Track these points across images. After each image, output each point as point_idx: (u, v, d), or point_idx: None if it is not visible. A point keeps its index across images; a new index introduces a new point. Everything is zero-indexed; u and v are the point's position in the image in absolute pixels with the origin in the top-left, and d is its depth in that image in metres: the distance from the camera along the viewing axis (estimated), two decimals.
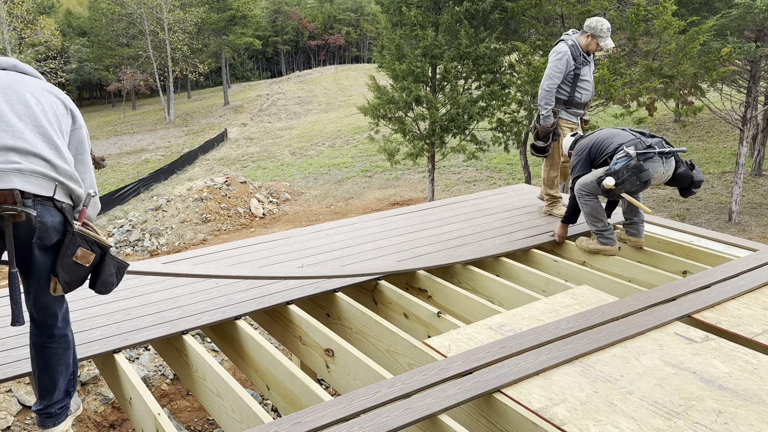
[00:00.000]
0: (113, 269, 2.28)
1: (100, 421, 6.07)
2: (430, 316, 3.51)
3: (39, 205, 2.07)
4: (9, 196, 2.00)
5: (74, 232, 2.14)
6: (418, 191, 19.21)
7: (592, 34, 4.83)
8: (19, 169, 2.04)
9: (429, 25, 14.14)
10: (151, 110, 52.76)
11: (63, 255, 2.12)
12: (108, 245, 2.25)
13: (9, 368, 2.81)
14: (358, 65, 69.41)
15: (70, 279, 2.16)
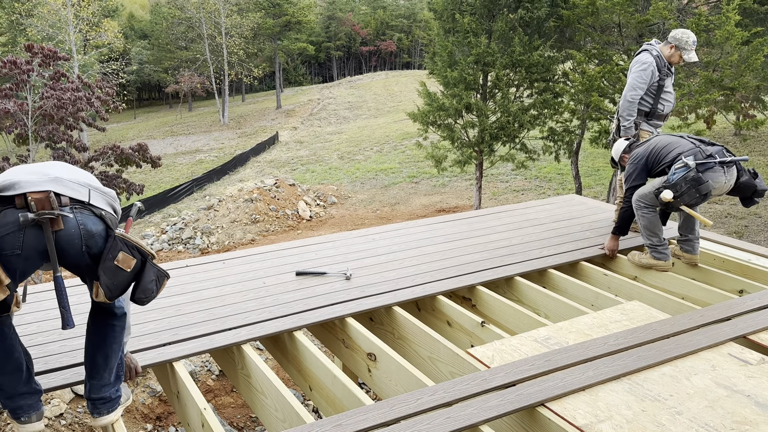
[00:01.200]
0: (153, 276, 2.30)
1: (147, 413, 6.25)
2: (474, 325, 3.48)
3: (78, 212, 2.12)
4: (45, 200, 2.04)
5: (115, 236, 2.19)
6: (465, 199, 19.09)
7: (676, 45, 4.68)
8: (53, 179, 2.12)
9: (482, 32, 14.07)
10: (206, 112, 54.18)
11: (104, 258, 2.16)
12: (149, 252, 2.28)
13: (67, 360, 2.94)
14: (409, 71, 69.57)
15: (111, 283, 2.19)
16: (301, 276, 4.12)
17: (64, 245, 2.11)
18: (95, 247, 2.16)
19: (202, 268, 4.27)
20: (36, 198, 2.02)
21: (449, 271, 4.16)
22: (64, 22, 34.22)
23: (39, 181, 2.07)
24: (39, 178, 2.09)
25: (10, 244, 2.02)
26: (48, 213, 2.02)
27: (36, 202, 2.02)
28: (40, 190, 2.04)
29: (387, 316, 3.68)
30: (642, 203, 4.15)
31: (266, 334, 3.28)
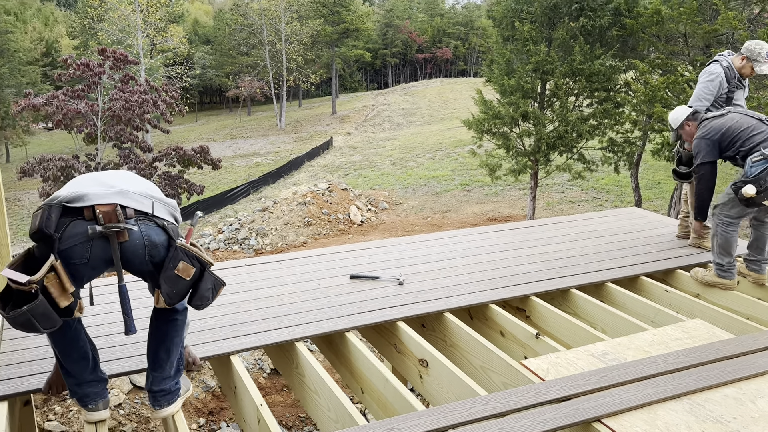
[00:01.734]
0: (210, 285, 2.38)
1: (201, 408, 6.43)
2: (528, 336, 3.44)
3: (142, 223, 2.21)
4: (112, 213, 2.13)
5: (177, 246, 2.27)
6: (518, 208, 18.83)
7: (748, 56, 4.47)
8: (119, 191, 2.21)
9: (542, 40, 13.90)
10: (264, 117, 55.42)
11: (166, 267, 2.25)
12: (208, 262, 2.36)
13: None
14: (464, 79, 69.28)
15: (171, 291, 2.28)
16: (355, 279, 4.17)
17: (129, 255, 2.20)
18: (158, 257, 2.25)
19: (260, 267, 4.37)
20: (103, 211, 2.12)
21: (503, 280, 4.13)
22: (132, 27, 35.74)
23: (106, 193, 2.17)
24: (106, 191, 2.18)
25: (79, 254, 2.13)
26: (114, 226, 2.12)
27: (103, 215, 2.12)
28: (108, 203, 2.14)
29: (439, 323, 3.68)
30: (725, 218, 3.97)
31: (320, 333, 3.33)
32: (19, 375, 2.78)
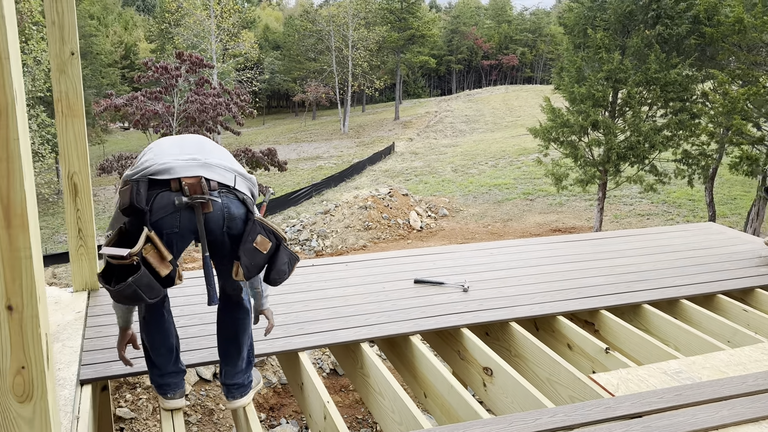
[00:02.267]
0: (286, 259, 2.41)
1: (262, 403, 6.59)
2: (597, 351, 3.36)
3: (224, 195, 2.26)
4: (197, 185, 2.19)
5: (255, 220, 2.32)
6: (583, 219, 18.36)
7: None
8: (203, 163, 2.27)
9: (615, 48, 13.54)
10: (328, 121, 56.31)
11: (245, 240, 2.28)
12: (283, 236, 2.40)
13: None
14: (530, 86, 68.23)
15: (250, 263, 2.30)
16: (419, 284, 4.18)
17: (211, 226, 2.26)
18: (235, 229, 2.30)
19: (327, 268, 4.45)
20: (189, 183, 2.19)
21: (571, 292, 4.04)
22: (207, 32, 37.10)
23: (191, 166, 2.23)
24: (190, 163, 2.25)
25: (169, 224, 2.21)
26: (199, 197, 2.19)
27: (189, 187, 2.19)
28: (193, 175, 2.20)
29: (503, 332, 3.64)
30: None
31: (384, 336, 3.36)
32: (101, 361, 2.93)
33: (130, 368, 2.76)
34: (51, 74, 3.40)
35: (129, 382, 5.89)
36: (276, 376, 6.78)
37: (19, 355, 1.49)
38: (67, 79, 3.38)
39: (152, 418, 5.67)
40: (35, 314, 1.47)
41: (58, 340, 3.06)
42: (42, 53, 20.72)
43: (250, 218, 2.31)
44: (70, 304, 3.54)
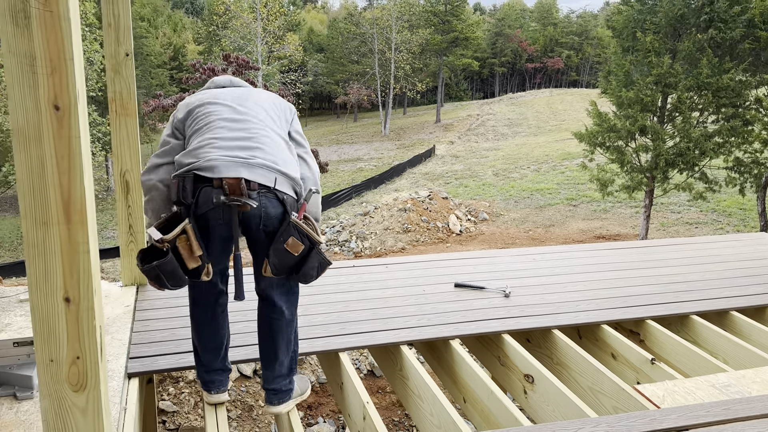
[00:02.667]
0: (316, 264, 2.43)
1: (299, 402, 6.66)
2: (642, 361, 3.28)
3: (263, 196, 2.29)
4: (236, 186, 2.23)
5: (290, 222, 2.34)
6: (628, 227, 17.94)
7: None
8: (245, 163, 2.29)
9: (665, 51, 13.18)
10: (369, 123, 56.55)
11: (276, 240, 2.32)
12: (318, 240, 2.41)
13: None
14: (575, 90, 67.10)
15: (278, 263, 2.35)
16: (459, 288, 4.16)
17: (247, 222, 2.33)
18: (271, 227, 2.35)
19: (367, 270, 4.47)
20: (230, 183, 2.25)
21: (616, 301, 3.96)
22: (253, 34, 37.74)
23: (234, 165, 2.27)
24: (234, 162, 2.28)
25: (214, 216, 2.30)
26: (236, 199, 2.24)
27: (229, 186, 2.24)
28: (234, 176, 2.25)
29: (545, 339, 3.59)
30: None
31: (424, 339, 3.36)
32: (147, 354, 3.02)
33: (175, 363, 2.82)
34: (106, 74, 3.51)
35: (172, 376, 6.03)
36: (314, 375, 6.84)
37: (75, 345, 1.54)
38: (121, 79, 3.49)
39: (193, 412, 5.79)
40: (91, 306, 1.52)
41: (107, 332, 3.16)
42: (95, 54, 21.44)
43: (287, 219, 2.34)
44: (120, 298, 3.65)
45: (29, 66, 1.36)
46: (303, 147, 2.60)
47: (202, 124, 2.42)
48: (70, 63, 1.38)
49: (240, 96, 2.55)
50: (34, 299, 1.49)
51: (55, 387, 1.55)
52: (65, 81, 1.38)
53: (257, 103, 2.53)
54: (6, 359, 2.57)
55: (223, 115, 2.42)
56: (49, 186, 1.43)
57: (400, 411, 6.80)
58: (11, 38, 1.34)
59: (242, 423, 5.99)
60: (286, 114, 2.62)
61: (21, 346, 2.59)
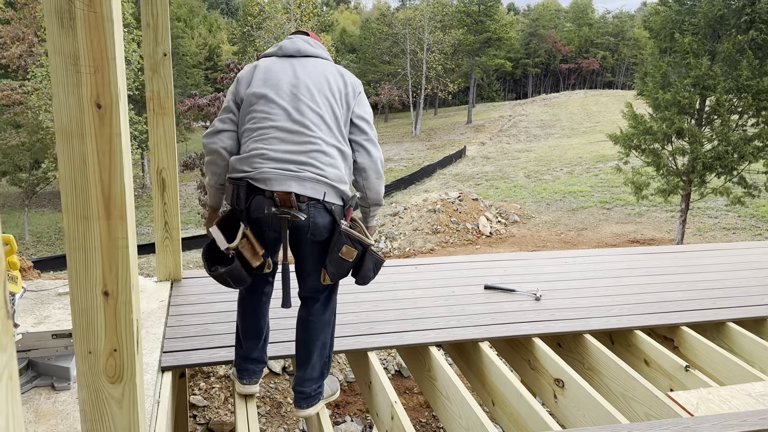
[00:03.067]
0: (371, 264, 2.54)
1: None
2: (676, 368, 3.22)
3: (312, 207, 2.35)
4: (287, 198, 2.31)
5: (341, 231, 2.40)
6: (663, 231, 17.57)
7: None
8: (296, 176, 2.34)
9: (704, 53, 12.88)
10: (399, 124, 56.55)
11: (331, 251, 2.40)
12: (369, 243, 2.48)
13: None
14: (610, 91, 66.00)
15: (336, 271, 2.45)
16: (489, 290, 4.13)
17: (296, 231, 2.42)
18: (319, 236, 2.41)
19: (396, 270, 4.48)
20: (281, 196, 2.32)
21: (649, 306, 3.89)
22: (287, 35, 38.06)
23: (285, 179, 2.32)
24: (286, 175, 2.33)
25: (266, 222, 2.39)
26: (286, 211, 2.32)
27: (280, 199, 2.32)
28: (286, 190, 2.31)
29: (577, 344, 3.55)
30: None
31: (452, 340, 3.34)
32: (181, 349, 3.07)
33: (207, 358, 2.88)
34: (144, 74, 3.59)
35: (204, 371, 6.13)
36: (342, 373, 6.88)
37: (113, 338, 1.58)
38: (159, 78, 3.56)
39: (224, 407, 5.87)
40: (129, 300, 1.56)
41: (142, 326, 3.23)
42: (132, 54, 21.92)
43: (336, 229, 2.40)
44: (155, 293, 3.73)
45: (73, 65, 1.40)
46: (365, 134, 2.57)
47: (256, 127, 2.41)
48: (112, 62, 1.42)
49: (300, 88, 2.45)
50: (73, 292, 1.53)
51: (93, 378, 1.60)
52: (107, 80, 1.42)
53: (316, 102, 2.45)
54: (45, 351, 2.65)
55: (278, 123, 2.40)
56: (91, 182, 1.47)
57: (428, 412, 6.79)
58: (56, 38, 1.39)
59: (271, 419, 6.05)
60: (349, 99, 2.54)
61: (59, 338, 2.67)
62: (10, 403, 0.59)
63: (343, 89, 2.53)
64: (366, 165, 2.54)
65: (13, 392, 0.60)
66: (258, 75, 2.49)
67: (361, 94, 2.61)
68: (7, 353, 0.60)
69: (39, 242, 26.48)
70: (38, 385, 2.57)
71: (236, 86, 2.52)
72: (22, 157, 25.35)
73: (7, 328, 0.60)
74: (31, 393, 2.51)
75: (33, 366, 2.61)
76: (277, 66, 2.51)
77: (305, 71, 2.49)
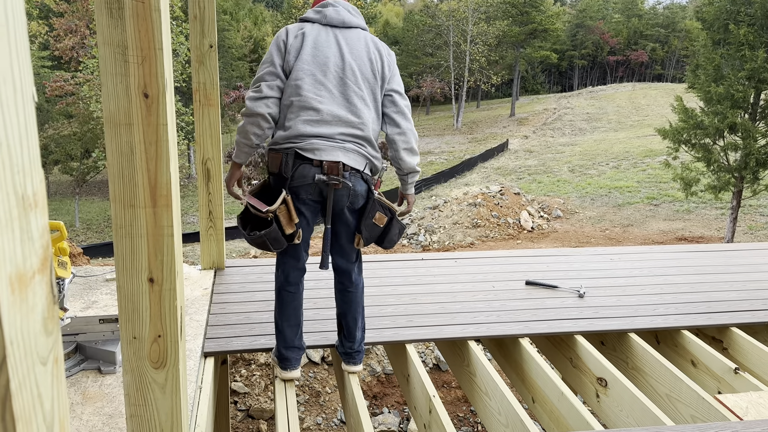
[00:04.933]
0: (397, 230, 2.75)
1: (366, 390, 6.72)
2: (725, 370, 3.10)
3: (353, 176, 2.53)
4: (335, 167, 2.47)
5: (374, 199, 2.61)
6: (713, 229, 17.00)
7: None
8: (342, 148, 2.50)
9: (761, 45, 12.35)
10: (441, 116, 56.18)
11: (366, 217, 2.60)
12: (395, 210, 2.69)
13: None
14: (660, 84, 64.06)
15: (369, 235, 2.66)
16: (531, 286, 4.07)
17: (337, 199, 2.55)
18: (356, 204, 2.60)
19: (436, 263, 4.45)
20: (329, 165, 2.47)
21: (698, 306, 3.76)
22: None
23: (333, 149, 2.48)
24: (334, 146, 2.49)
25: (306, 191, 2.52)
26: (335, 178, 2.47)
27: (328, 168, 2.47)
28: (334, 160, 2.47)
29: (621, 343, 3.46)
30: None
31: (492, 335, 3.31)
32: (223, 336, 3.13)
33: (249, 344, 2.94)
34: (191, 65, 3.65)
35: (245, 358, 6.24)
36: (380, 365, 6.90)
37: (157, 324, 1.61)
38: (205, 70, 3.62)
39: (264, 395, 5.97)
40: (173, 287, 1.59)
41: (186, 313, 3.29)
42: (180, 46, 22.37)
43: (371, 197, 2.61)
44: (198, 281, 3.80)
45: (121, 55, 1.42)
46: (395, 105, 2.64)
47: (303, 106, 2.48)
48: (159, 53, 1.44)
49: (346, 71, 2.53)
50: (120, 279, 1.56)
51: (137, 363, 1.63)
52: (154, 70, 1.44)
53: (360, 86, 2.55)
54: (92, 335, 2.73)
55: (325, 107, 2.50)
56: (137, 171, 1.49)
57: (465, 407, 6.75)
58: (105, 29, 1.41)
59: (309, 408, 6.12)
60: (385, 75, 2.63)
61: (106, 323, 2.75)
62: (56, 387, 0.60)
63: (380, 67, 2.62)
64: (394, 137, 2.65)
65: (59, 376, 0.61)
66: (307, 47, 2.51)
67: (394, 68, 2.69)
68: (53, 337, 0.61)
69: (89, 229, 27.40)
70: (86, 368, 2.65)
71: (284, 53, 2.52)
72: (73, 147, 26.23)
73: (53, 313, 0.60)
74: (79, 376, 2.60)
75: (81, 349, 2.70)
76: (323, 39, 2.55)
77: (350, 48, 2.57)
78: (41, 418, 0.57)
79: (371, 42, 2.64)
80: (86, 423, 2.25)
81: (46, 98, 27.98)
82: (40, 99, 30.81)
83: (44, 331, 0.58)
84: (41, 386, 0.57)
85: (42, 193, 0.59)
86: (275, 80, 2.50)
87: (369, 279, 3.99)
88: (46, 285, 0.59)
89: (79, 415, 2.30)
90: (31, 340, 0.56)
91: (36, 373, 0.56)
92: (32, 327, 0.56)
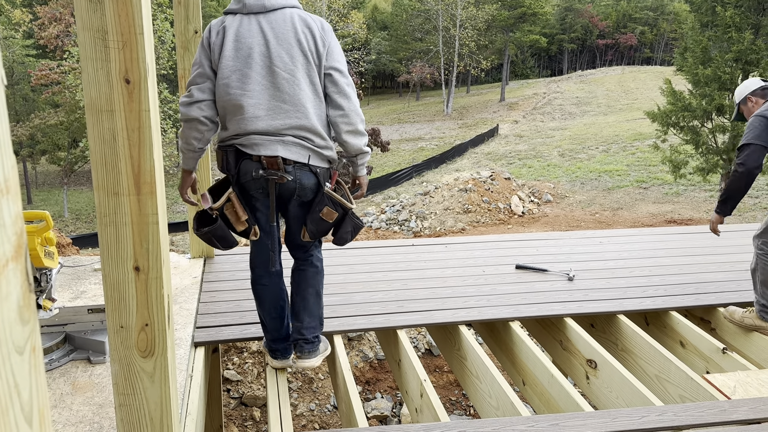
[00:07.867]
0: (350, 228, 2.63)
1: (358, 376, 6.75)
2: (713, 350, 3.14)
3: (297, 170, 2.44)
4: (273, 162, 2.39)
5: (324, 193, 2.51)
6: (702, 211, 17.12)
7: None
8: (281, 141, 2.41)
9: (747, 27, 12.39)
10: (431, 102, 56.01)
11: (312, 210, 2.52)
12: (349, 207, 2.57)
13: None
14: (649, 67, 64.11)
15: (315, 229, 2.57)
16: (521, 270, 4.09)
17: (284, 194, 2.50)
18: (305, 197, 2.53)
19: (426, 249, 4.46)
20: (268, 160, 2.40)
21: (686, 287, 3.79)
22: (318, 12, 37.87)
23: (271, 143, 2.40)
24: (271, 140, 2.40)
25: (254, 187, 2.47)
26: (274, 173, 2.40)
27: (267, 162, 2.40)
28: (272, 155, 2.40)
29: (610, 325, 3.49)
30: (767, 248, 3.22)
31: (483, 319, 3.32)
32: (213, 324, 3.12)
33: (239, 333, 2.93)
34: (176, 51, 3.60)
35: (237, 346, 6.23)
36: (373, 351, 6.92)
37: (144, 313, 1.60)
38: (190, 56, 3.57)
39: (256, 382, 5.98)
40: (159, 276, 1.57)
41: (176, 302, 3.28)
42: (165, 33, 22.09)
43: (320, 191, 2.51)
44: (188, 270, 3.78)
45: (101, 40, 1.40)
46: (335, 85, 2.44)
47: (234, 105, 2.37)
48: (140, 37, 1.41)
49: (273, 58, 2.36)
50: (105, 268, 1.55)
51: (125, 352, 1.62)
52: (135, 55, 1.42)
53: (291, 71, 2.37)
54: (81, 325, 2.71)
55: (257, 101, 2.38)
56: (120, 158, 1.47)
57: (457, 390, 6.80)
58: (85, 13, 1.38)
59: (303, 395, 6.14)
60: (320, 54, 2.42)
61: (95, 313, 2.73)
62: (34, 376, 0.59)
63: (313, 46, 2.41)
64: (336, 120, 2.46)
65: (37, 366, 0.60)
66: (228, 43, 2.36)
67: (330, 42, 2.46)
68: (29, 326, 0.60)
69: (78, 219, 27.20)
70: (75, 358, 2.64)
71: (209, 52, 2.39)
72: (60, 136, 25.96)
73: (29, 301, 0.59)
74: (68, 366, 2.58)
75: (70, 339, 2.68)
76: (245, 29, 2.37)
77: (275, 33, 2.37)
78: (18, 408, 0.56)
79: (299, 20, 2.42)
80: (76, 413, 2.24)
81: (32, 87, 27.61)
82: (25, 89, 30.42)
83: (20, 320, 0.57)
84: (17, 376, 0.56)
85: (14, 179, 0.58)
86: (205, 82, 2.38)
87: (359, 265, 3.99)
88: (21, 273, 0.57)
89: (69, 405, 2.29)
90: (6, 329, 0.55)
91: (12, 363, 0.55)
92: (7, 316, 0.55)
